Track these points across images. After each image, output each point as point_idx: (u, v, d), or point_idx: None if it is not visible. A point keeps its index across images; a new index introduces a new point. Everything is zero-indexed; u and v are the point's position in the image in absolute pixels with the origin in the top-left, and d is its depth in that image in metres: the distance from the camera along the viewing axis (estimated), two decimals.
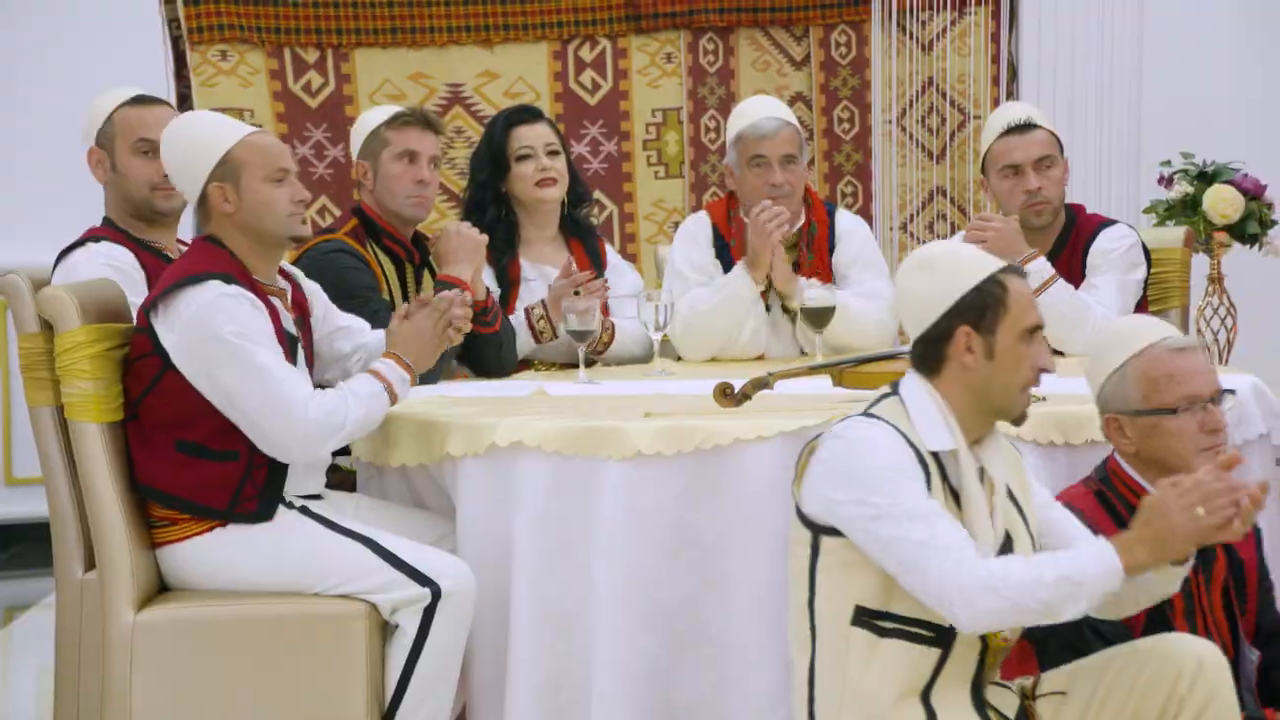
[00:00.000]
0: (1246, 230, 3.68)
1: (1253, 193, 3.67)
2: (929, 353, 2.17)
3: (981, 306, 2.13)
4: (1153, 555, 2.03)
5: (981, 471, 2.17)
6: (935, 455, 2.15)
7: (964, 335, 2.14)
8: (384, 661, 2.60)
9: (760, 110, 3.52)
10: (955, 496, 2.15)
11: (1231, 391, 2.41)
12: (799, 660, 2.21)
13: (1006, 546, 2.18)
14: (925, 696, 2.14)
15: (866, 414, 2.18)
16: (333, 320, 2.88)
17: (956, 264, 2.16)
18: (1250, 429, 2.83)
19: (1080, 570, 2.03)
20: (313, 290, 2.86)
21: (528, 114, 3.59)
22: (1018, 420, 2.17)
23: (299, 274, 2.85)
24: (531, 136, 3.51)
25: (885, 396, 2.20)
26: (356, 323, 2.92)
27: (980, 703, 2.18)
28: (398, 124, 3.34)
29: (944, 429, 2.15)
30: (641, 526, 2.55)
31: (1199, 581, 2.40)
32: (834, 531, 2.15)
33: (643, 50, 4.68)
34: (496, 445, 2.60)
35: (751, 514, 2.53)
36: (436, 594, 2.56)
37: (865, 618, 2.14)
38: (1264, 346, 3.78)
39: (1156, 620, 2.36)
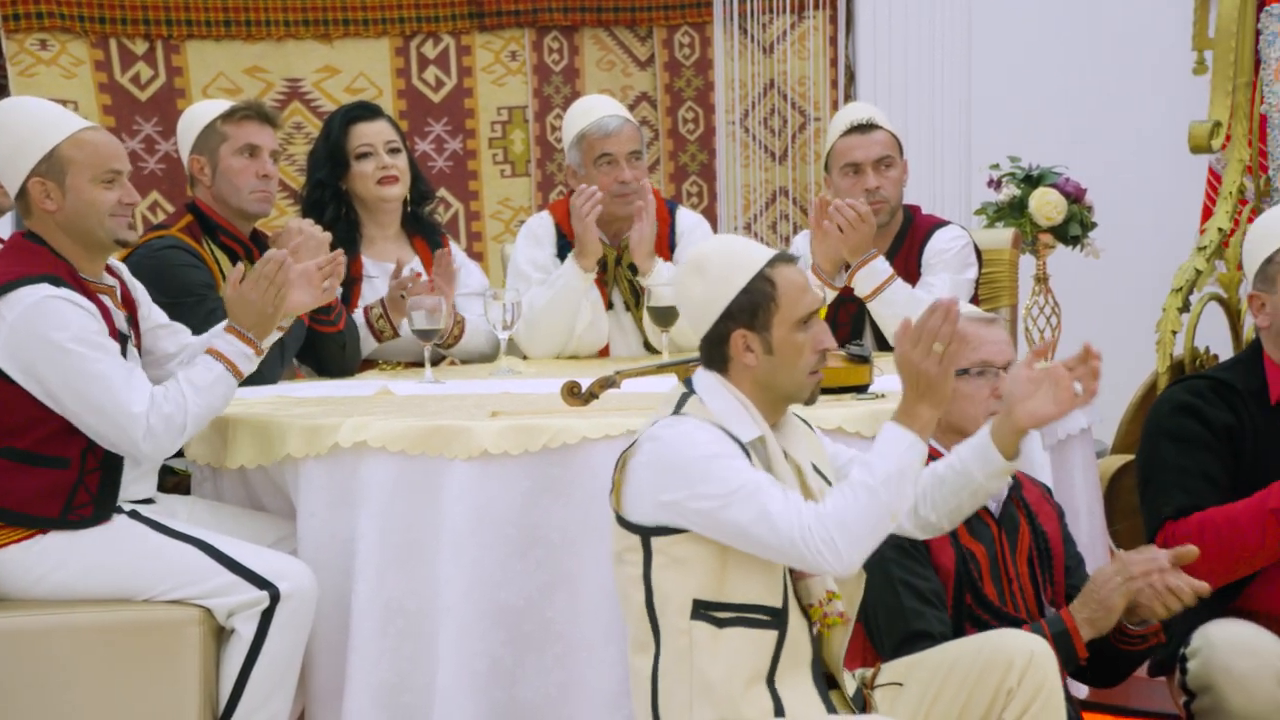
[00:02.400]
0: (1069, 232, 3.82)
1: (1074, 196, 3.82)
2: (713, 353, 2.22)
3: (753, 307, 2.17)
4: (930, 406, 2.12)
5: (785, 454, 2.22)
6: (747, 445, 2.18)
7: (740, 337, 2.18)
8: (218, 667, 2.55)
9: (602, 109, 3.53)
10: None
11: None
12: (640, 663, 2.22)
13: None
14: (770, 682, 2.17)
15: (675, 414, 2.20)
16: (155, 318, 2.79)
17: (725, 266, 2.19)
18: (1073, 423, 2.95)
19: (892, 462, 2.10)
20: (138, 287, 2.77)
21: (367, 111, 3.54)
22: (808, 401, 2.24)
23: (124, 270, 2.76)
24: (371, 134, 3.46)
25: (685, 396, 2.22)
26: (178, 324, 2.83)
27: (823, 688, 2.22)
28: (235, 118, 3.26)
29: (748, 419, 2.19)
30: (488, 526, 2.54)
31: (1005, 551, 2.49)
32: (662, 531, 2.17)
33: (487, 48, 4.65)
34: (339, 445, 2.57)
35: (599, 513, 2.53)
36: (275, 597, 2.51)
37: (703, 610, 2.16)
38: (1085, 344, 3.92)
39: (967, 585, 2.44)
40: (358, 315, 3.40)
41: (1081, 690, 2.88)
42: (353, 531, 2.55)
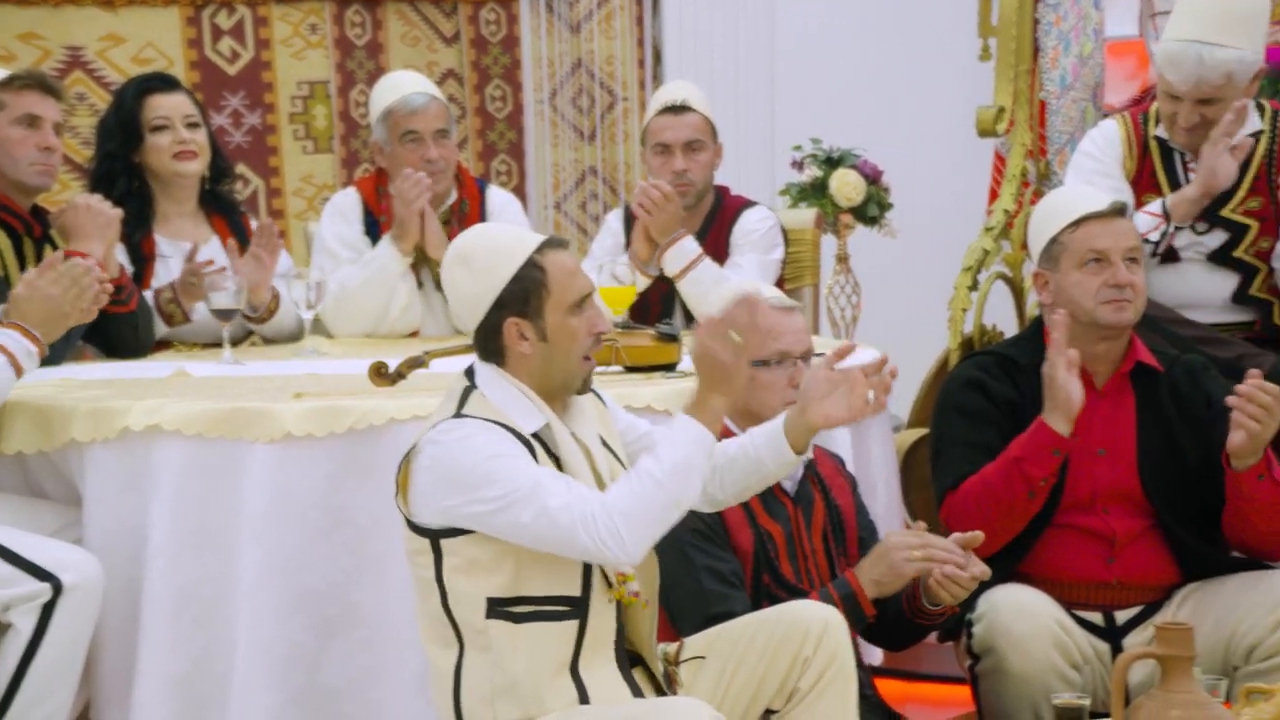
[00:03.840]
0: (868, 213, 3.94)
1: (872, 177, 3.93)
2: (488, 345, 2.20)
3: (524, 294, 2.16)
4: (722, 397, 2.14)
5: (574, 437, 2.22)
6: (534, 435, 2.18)
7: (514, 325, 2.17)
8: None
9: (408, 85, 3.49)
10: (558, 464, 2.19)
11: (821, 355, 2.59)
12: (441, 659, 2.20)
13: None
14: (574, 670, 2.18)
15: (457, 415, 2.18)
16: None
17: (492, 256, 2.17)
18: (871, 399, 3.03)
19: (679, 453, 2.11)
20: None
21: (164, 82, 3.42)
22: (581, 390, 2.23)
23: None
24: (168, 106, 3.35)
25: (468, 390, 2.20)
26: None
27: (627, 670, 2.24)
28: (14, 87, 3.10)
29: (531, 408, 2.18)
30: (290, 510, 2.49)
31: (801, 529, 2.56)
32: (452, 533, 2.15)
33: (285, 20, 4.52)
34: (130, 429, 2.49)
35: None
36: (57, 589, 2.41)
37: (499, 608, 2.15)
38: (885, 322, 4.05)
39: (764, 565, 2.50)
40: (148, 296, 3.28)
41: (875, 655, 2.99)
42: (144, 518, 2.48)
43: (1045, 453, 2.56)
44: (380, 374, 2.65)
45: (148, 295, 3.29)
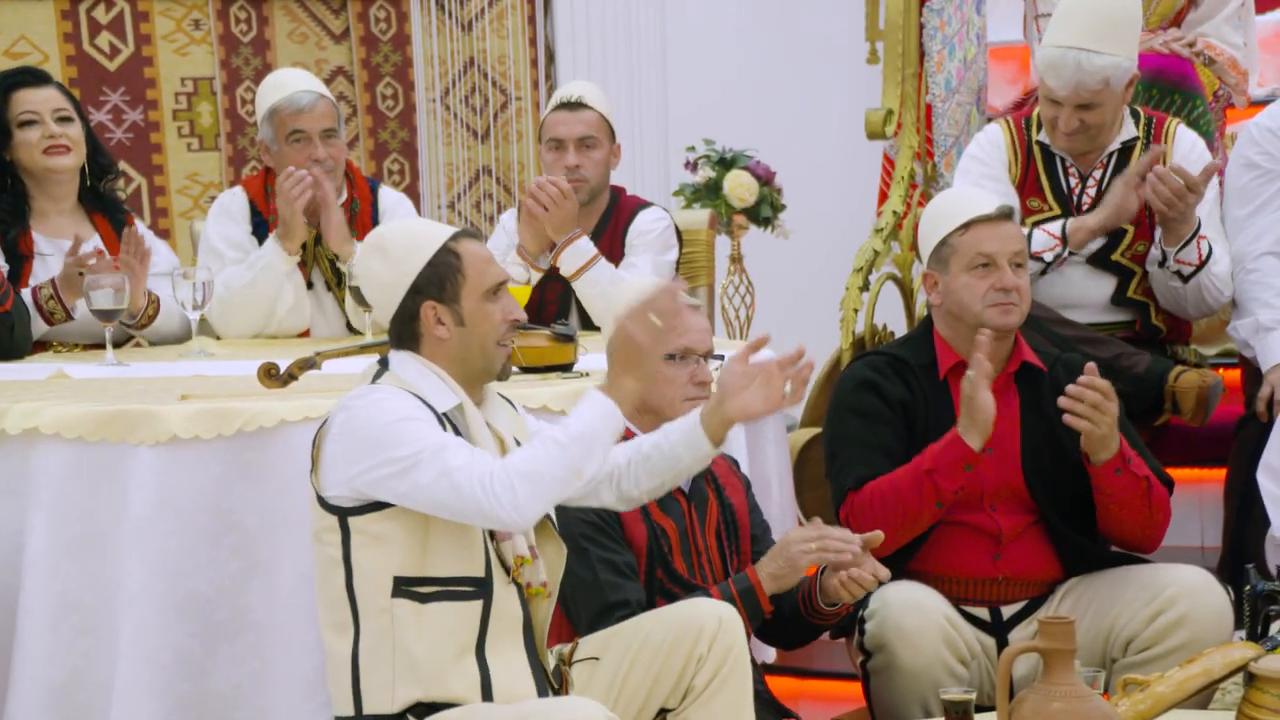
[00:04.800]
0: (761, 214, 3.98)
1: (764, 178, 3.97)
2: (404, 331, 2.22)
3: (440, 279, 2.19)
4: (635, 380, 2.17)
5: (488, 425, 2.23)
6: (445, 415, 2.19)
7: (430, 309, 2.19)
8: None
9: (295, 83, 3.44)
10: None
11: (720, 356, 2.62)
12: (337, 645, 2.19)
13: None
14: (480, 652, 2.17)
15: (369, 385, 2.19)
16: None
17: (408, 242, 2.20)
18: None
19: (584, 423, 2.13)
20: None
21: (32, 77, 3.34)
22: (500, 375, 2.25)
23: None
24: (37, 101, 3.27)
25: (380, 373, 2.21)
26: None
27: (534, 658, 2.24)
28: None
29: (445, 390, 2.20)
30: (176, 514, 2.45)
31: (694, 525, 2.58)
32: (362, 509, 2.15)
33: (167, 15, 4.42)
34: (6, 433, 2.43)
35: (298, 497, 2.47)
36: None
37: (405, 587, 2.15)
38: (778, 322, 4.09)
39: (658, 559, 2.52)
40: (26, 295, 3.19)
41: (768, 653, 3.02)
42: (21, 525, 2.42)
43: (958, 467, 2.61)
44: (270, 375, 2.61)
45: (25, 294, 3.20)
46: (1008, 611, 2.73)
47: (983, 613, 2.72)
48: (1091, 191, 3.25)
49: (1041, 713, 1.88)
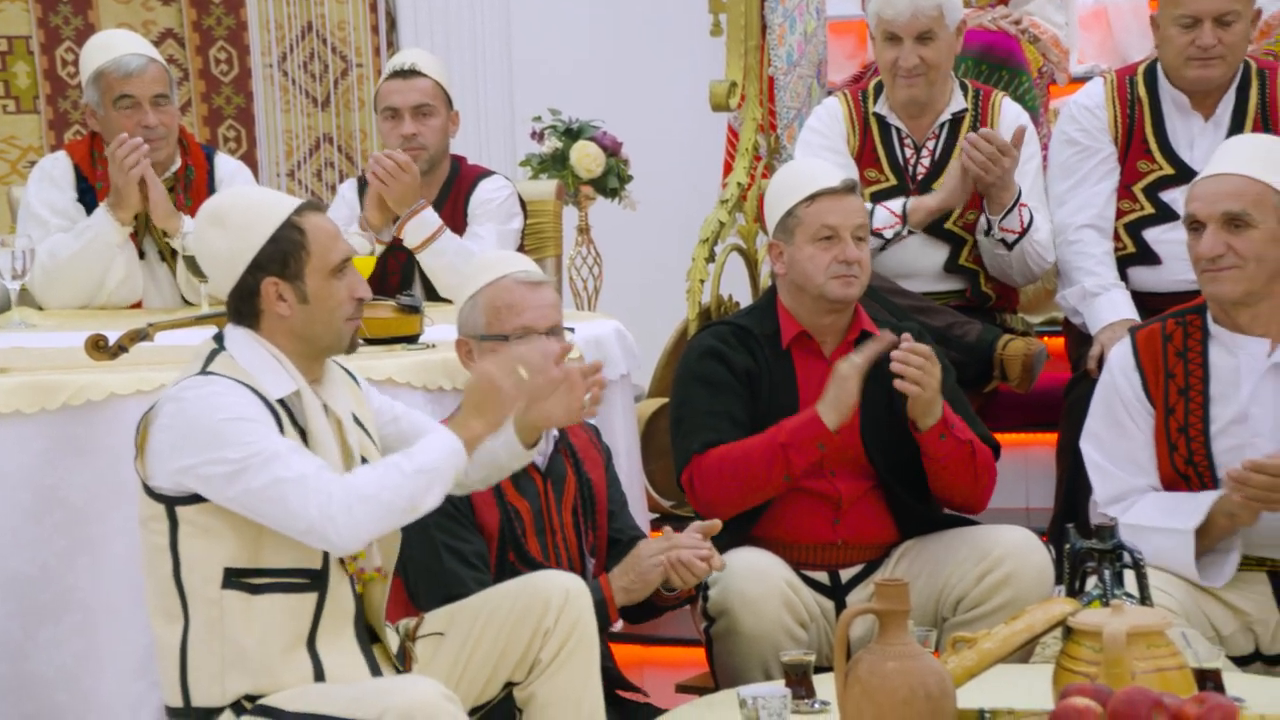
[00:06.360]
0: (608, 185, 3.98)
1: (611, 150, 3.97)
2: (243, 307, 2.16)
3: (282, 256, 2.13)
4: (486, 421, 2.17)
5: (326, 408, 2.19)
6: (281, 401, 2.14)
7: (272, 286, 2.14)
8: None
9: (122, 45, 3.32)
10: (304, 436, 2.16)
11: (571, 329, 2.62)
12: (166, 634, 2.14)
13: None
14: (311, 644, 2.14)
15: (203, 372, 2.13)
16: None
17: (248, 215, 2.14)
18: (613, 370, 3.08)
19: (430, 459, 2.12)
20: None
21: None
22: (348, 350, 2.22)
23: None
24: None
25: (215, 352, 2.16)
26: None
27: (367, 647, 2.21)
28: None
29: (282, 374, 2.15)
30: None
31: (550, 504, 2.58)
32: (189, 500, 2.10)
33: None
34: None
35: (129, 473, 2.38)
36: None
37: (236, 578, 2.10)
38: (625, 294, 4.10)
39: (510, 542, 2.52)
40: None
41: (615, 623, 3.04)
42: None
43: (812, 444, 2.65)
44: (99, 347, 2.53)
45: None
46: (846, 575, 2.79)
47: (822, 576, 2.78)
48: (926, 162, 3.33)
49: (877, 672, 1.93)
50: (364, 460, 2.20)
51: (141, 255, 3.34)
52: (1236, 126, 3.11)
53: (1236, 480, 2.44)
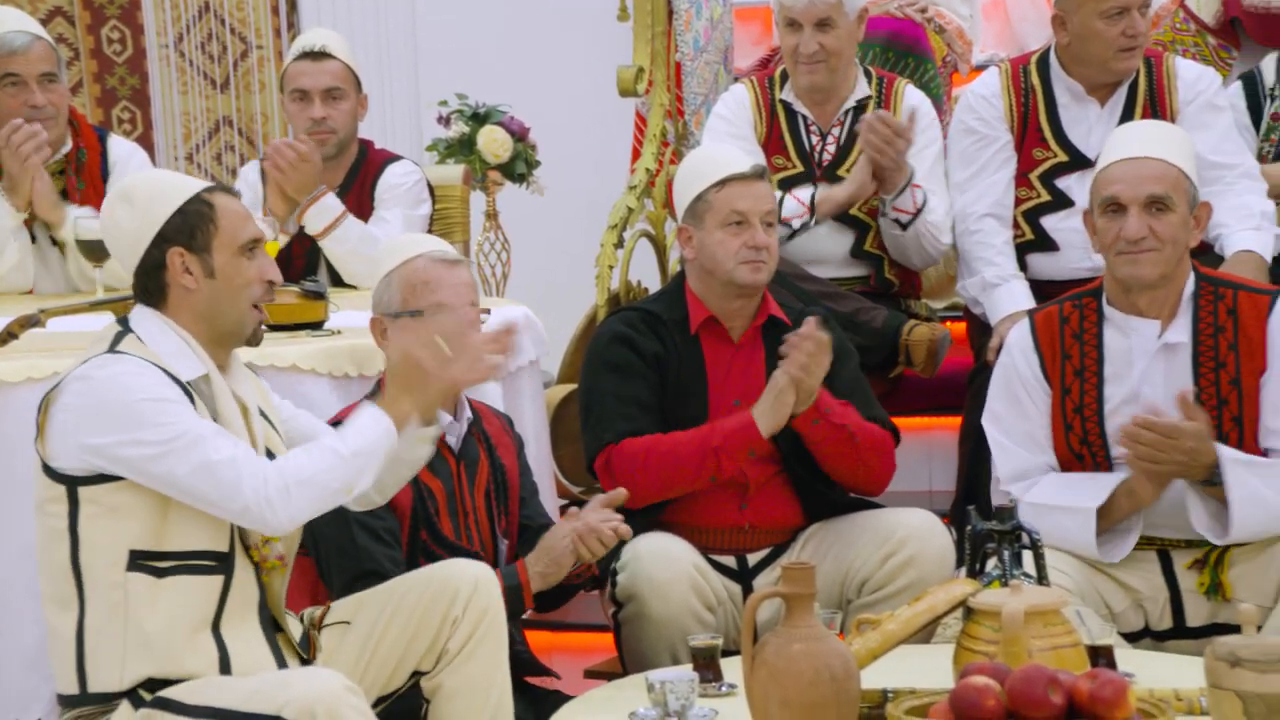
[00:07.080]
0: (516, 170, 3.95)
1: (519, 135, 3.94)
2: (149, 284, 2.14)
3: (190, 227, 2.12)
4: (414, 399, 2.16)
5: (234, 396, 2.17)
6: (190, 384, 2.11)
7: (178, 257, 2.12)
8: None
9: (6, 23, 3.24)
10: (214, 419, 2.13)
11: (487, 311, 2.60)
12: (60, 621, 2.09)
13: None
14: (215, 628, 2.11)
15: (111, 351, 2.09)
16: None
17: (157, 191, 2.13)
18: (522, 356, 3.07)
19: (363, 441, 2.12)
20: None
21: None
22: (252, 340, 2.19)
23: None
24: None
25: (121, 334, 2.12)
26: None
27: (270, 632, 2.18)
28: None
29: (191, 356, 2.12)
30: None
31: (463, 486, 2.57)
32: (95, 480, 2.05)
33: None
34: None
35: (20, 464, 2.33)
36: None
37: (141, 561, 2.07)
38: (534, 279, 4.08)
39: (422, 521, 2.50)
40: None
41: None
42: None
43: (743, 450, 2.67)
44: None
45: None
46: (753, 559, 2.81)
47: (730, 561, 2.79)
48: (831, 148, 3.36)
49: (783, 655, 1.95)
50: (269, 452, 2.17)
51: (34, 240, 3.26)
52: (1128, 114, 3.17)
53: (1128, 435, 2.49)
